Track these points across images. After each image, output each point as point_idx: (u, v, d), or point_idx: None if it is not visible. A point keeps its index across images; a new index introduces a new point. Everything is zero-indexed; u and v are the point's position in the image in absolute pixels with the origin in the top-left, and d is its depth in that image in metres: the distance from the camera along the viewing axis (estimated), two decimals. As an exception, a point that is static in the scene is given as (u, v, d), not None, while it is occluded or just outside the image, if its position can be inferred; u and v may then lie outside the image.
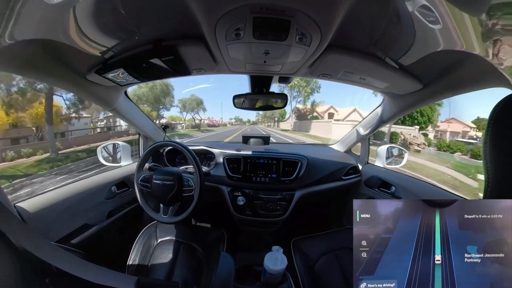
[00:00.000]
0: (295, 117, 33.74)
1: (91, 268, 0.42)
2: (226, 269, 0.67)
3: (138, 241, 1.09)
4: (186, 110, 35.85)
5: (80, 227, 0.95)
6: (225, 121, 63.37)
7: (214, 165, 1.36)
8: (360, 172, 1.46)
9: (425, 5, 0.44)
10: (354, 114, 25.66)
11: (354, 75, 0.85)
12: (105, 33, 0.60)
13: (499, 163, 0.36)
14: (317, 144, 2.24)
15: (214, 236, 1.16)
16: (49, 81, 0.73)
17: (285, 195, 1.25)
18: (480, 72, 0.61)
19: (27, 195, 0.84)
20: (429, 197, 0.97)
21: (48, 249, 0.42)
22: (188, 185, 1.01)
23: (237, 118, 67.24)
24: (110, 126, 21.56)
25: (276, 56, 0.71)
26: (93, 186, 1.04)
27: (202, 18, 0.54)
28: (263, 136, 1.58)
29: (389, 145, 1.43)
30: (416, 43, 0.58)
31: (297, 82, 28.34)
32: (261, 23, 0.53)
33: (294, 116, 34.03)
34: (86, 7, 0.49)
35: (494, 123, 0.36)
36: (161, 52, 0.70)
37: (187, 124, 37.33)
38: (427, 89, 0.82)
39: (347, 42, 0.66)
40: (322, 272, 0.97)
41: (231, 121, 64.69)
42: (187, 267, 0.99)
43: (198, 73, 0.90)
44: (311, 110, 32.05)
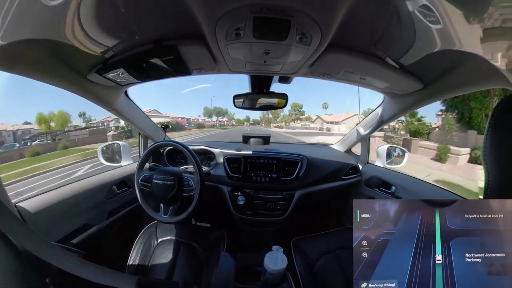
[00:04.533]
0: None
1: (92, 268, 0.42)
2: (226, 269, 0.68)
3: (138, 241, 1.09)
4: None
5: (81, 227, 0.95)
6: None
7: (214, 165, 1.36)
8: (360, 172, 1.46)
9: (425, 5, 0.44)
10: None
11: (354, 75, 0.85)
12: (105, 32, 0.60)
13: (499, 163, 0.36)
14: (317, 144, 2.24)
15: (214, 236, 1.16)
16: (49, 81, 0.73)
17: (285, 195, 1.25)
18: (480, 72, 0.60)
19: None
20: (429, 197, 0.97)
21: (49, 249, 0.42)
22: (188, 185, 1.01)
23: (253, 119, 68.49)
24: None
25: (276, 56, 0.71)
26: (93, 186, 1.04)
27: (202, 18, 0.54)
28: (263, 136, 1.58)
29: (389, 145, 1.43)
30: (416, 43, 0.58)
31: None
32: (261, 23, 0.53)
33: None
34: (87, 7, 0.49)
35: (494, 123, 0.36)
36: (161, 52, 0.70)
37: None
38: (428, 89, 0.82)
39: (348, 42, 0.66)
40: (322, 272, 0.97)
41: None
42: (187, 267, 0.99)
43: (198, 73, 0.90)
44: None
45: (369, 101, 27.69)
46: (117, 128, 23.99)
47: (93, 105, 0.96)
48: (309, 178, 1.30)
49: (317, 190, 1.33)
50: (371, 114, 1.30)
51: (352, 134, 1.51)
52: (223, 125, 56.97)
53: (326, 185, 1.35)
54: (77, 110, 28.73)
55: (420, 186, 1.13)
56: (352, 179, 1.41)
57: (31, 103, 46.11)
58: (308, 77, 0.94)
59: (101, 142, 1.83)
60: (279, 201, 1.25)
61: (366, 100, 32.72)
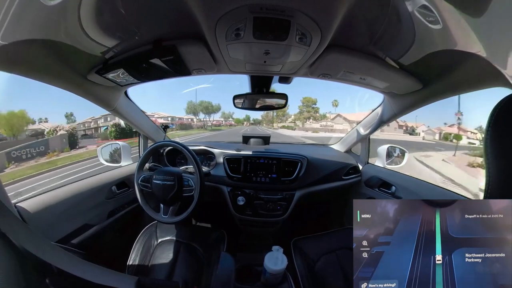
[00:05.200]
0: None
1: (91, 268, 0.42)
2: (226, 269, 0.68)
3: (138, 241, 1.09)
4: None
5: (81, 227, 0.95)
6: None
7: (214, 165, 1.36)
8: (360, 172, 1.46)
9: (425, 5, 0.44)
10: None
11: (354, 75, 0.85)
12: (105, 33, 0.60)
13: (499, 163, 0.36)
14: (317, 144, 2.23)
15: (214, 236, 1.16)
16: (49, 81, 0.73)
17: (285, 195, 1.25)
18: (480, 72, 0.60)
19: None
20: (429, 197, 0.97)
21: (49, 249, 0.42)
22: (188, 185, 1.01)
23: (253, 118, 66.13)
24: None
25: (276, 56, 0.71)
26: (93, 186, 1.04)
27: (202, 18, 0.54)
28: (263, 136, 1.58)
29: (389, 145, 1.43)
30: (416, 43, 0.58)
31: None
32: (261, 23, 0.53)
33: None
34: (87, 7, 0.49)
35: (494, 123, 0.36)
36: (161, 52, 0.70)
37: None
38: (427, 89, 0.82)
39: (347, 42, 0.66)
40: (322, 272, 0.97)
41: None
42: (187, 267, 0.99)
43: (198, 73, 0.90)
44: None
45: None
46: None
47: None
48: (309, 178, 1.30)
49: (317, 190, 1.33)
50: (371, 114, 1.30)
51: (352, 134, 1.51)
52: (218, 126, 44.04)
53: (326, 185, 1.35)
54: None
55: (420, 186, 1.13)
56: (352, 179, 1.41)
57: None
58: (308, 77, 0.94)
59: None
60: (279, 201, 1.25)
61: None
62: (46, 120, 22.98)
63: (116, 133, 18.67)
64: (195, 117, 40.60)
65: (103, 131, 23.03)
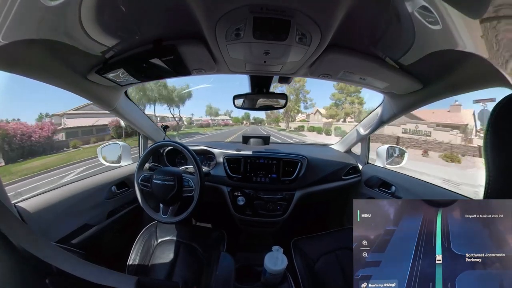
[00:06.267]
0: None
1: (91, 268, 0.42)
2: (226, 269, 0.68)
3: (138, 241, 1.09)
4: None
5: (80, 227, 0.95)
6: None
7: (214, 165, 1.36)
8: (360, 172, 1.46)
9: (425, 6, 0.44)
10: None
11: (354, 75, 0.86)
12: (105, 32, 0.60)
13: (499, 163, 0.36)
14: (317, 144, 2.24)
15: (214, 236, 1.16)
16: (49, 81, 0.73)
17: (285, 195, 1.25)
18: (480, 72, 0.60)
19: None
20: (429, 197, 0.97)
21: (48, 249, 0.42)
22: (188, 185, 1.01)
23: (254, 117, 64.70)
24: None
25: (276, 56, 0.71)
26: (93, 186, 1.04)
27: (202, 18, 0.54)
28: (263, 136, 1.58)
29: (389, 145, 1.43)
30: (416, 43, 0.58)
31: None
32: (261, 23, 0.53)
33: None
34: (87, 7, 0.49)
35: (494, 123, 0.36)
36: (161, 52, 0.70)
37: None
38: (427, 89, 0.82)
39: (347, 42, 0.66)
40: (322, 272, 0.97)
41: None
42: (187, 267, 0.99)
43: (198, 73, 0.90)
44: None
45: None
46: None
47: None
48: (309, 178, 1.30)
49: (317, 190, 1.33)
50: (371, 114, 1.30)
51: (352, 134, 1.51)
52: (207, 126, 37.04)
53: (326, 185, 1.35)
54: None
55: (420, 186, 1.13)
56: (352, 179, 1.41)
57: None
58: (308, 77, 0.94)
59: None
60: (279, 202, 1.25)
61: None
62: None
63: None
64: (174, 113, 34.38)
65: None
